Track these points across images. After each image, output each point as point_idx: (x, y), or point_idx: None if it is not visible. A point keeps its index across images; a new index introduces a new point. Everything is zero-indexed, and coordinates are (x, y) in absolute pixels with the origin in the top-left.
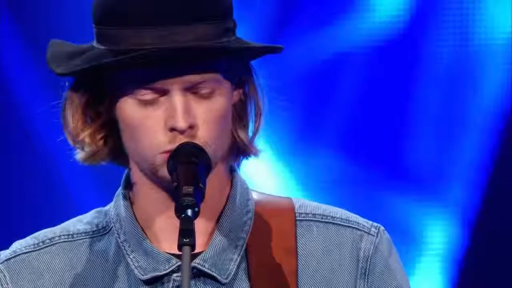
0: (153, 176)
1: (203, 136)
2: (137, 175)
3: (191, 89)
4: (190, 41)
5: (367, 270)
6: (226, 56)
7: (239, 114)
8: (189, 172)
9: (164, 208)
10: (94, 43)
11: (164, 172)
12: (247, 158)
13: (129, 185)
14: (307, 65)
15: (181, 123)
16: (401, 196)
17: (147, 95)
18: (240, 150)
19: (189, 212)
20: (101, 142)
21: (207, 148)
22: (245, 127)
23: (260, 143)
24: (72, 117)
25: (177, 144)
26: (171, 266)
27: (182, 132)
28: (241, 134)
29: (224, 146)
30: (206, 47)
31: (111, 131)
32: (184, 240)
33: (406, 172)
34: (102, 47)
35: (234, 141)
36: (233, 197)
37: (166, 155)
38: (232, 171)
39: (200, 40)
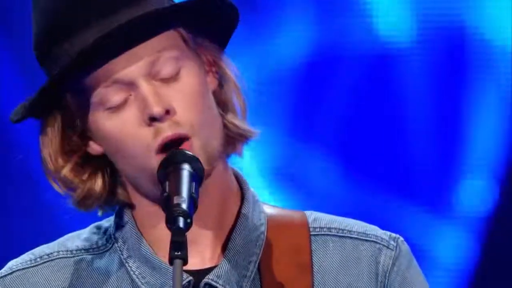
0: (156, 184)
1: (187, 119)
2: (135, 196)
3: (154, 74)
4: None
5: (385, 284)
6: (175, 28)
7: (222, 99)
8: (180, 181)
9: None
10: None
11: None
12: (246, 143)
13: (129, 204)
14: (303, 67)
15: (156, 108)
16: (408, 208)
17: (114, 96)
18: (236, 135)
19: (181, 223)
20: (89, 179)
21: (198, 135)
22: (232, 110)
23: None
24: (50, 157)
25: (162, 135)
26: (182, 281)
27: (161, 118)
28: (231, 118)
29: (218, 136)
30: (141, 15)
31: (98, 167)
32: (176, 253)
33: (413, 183)
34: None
35: (227, 130)
36: (246, 210)
37: (160, 156)
38: (241, 183)
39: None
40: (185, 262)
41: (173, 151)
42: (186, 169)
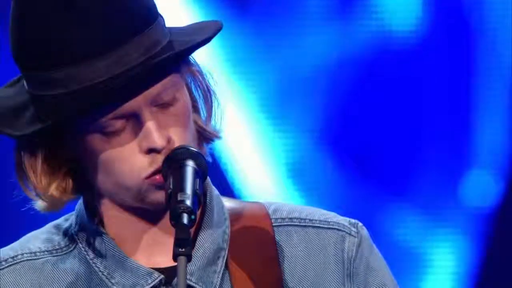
0: (140, 203)
1: (180, 144)
2: (105, 203)
3: (156, 104)
4: (141, 57)
5: (351, 271)
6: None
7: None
8: (184, 178)
9: (141, 224)
10: (38, 91)
11: (153, 196)
12: (208, 143)
13: (91, 205)
14: (312, 68)
15: (159, 142)
16: (406, 212)
17: (115, 124)
18: (200, 136)
19: (185, 220)
20: (69, 189)
21: None
22: (198, 112)
23: (219, 124)
24: (34, 175)
25: (158, 164)
26: (153, 280)
27: (160, 150)
28: (198, 120)
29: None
30: (160, 60)
31: (74, 174)
32: (180, 250)
33: (413, 187)
34: (53, 93)
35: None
36: (210, 206)
37: (151, 180)
38: None
39: (150, 51)
40: (189, 259)
41: (176, 148)
42: (190, 165)
